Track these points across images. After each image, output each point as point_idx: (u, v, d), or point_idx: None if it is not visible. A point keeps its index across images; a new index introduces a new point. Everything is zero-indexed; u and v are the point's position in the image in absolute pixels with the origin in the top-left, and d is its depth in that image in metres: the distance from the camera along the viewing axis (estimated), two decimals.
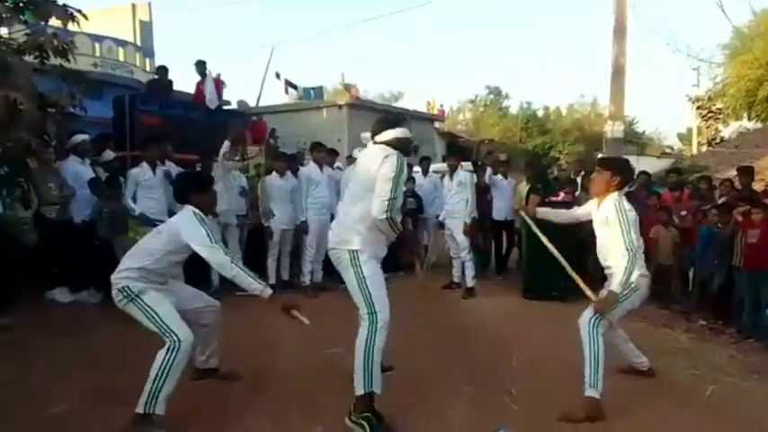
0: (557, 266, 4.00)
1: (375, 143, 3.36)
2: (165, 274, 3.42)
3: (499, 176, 8.31)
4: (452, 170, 7.30)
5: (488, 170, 8.32)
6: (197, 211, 3.38)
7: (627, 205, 3.61)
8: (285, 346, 4.70)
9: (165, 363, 3.03)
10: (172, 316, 3.18)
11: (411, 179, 8.96)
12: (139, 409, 2.97)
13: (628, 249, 3.42)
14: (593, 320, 3.47)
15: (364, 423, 3.04)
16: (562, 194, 7.12)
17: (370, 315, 3.13)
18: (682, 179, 7.61)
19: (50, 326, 5.18)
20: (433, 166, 9.92)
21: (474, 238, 7.39)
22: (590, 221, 3.85)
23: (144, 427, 2.96)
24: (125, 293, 3.22)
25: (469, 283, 6.97)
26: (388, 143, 3.29)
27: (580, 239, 5.62)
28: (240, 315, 3.87)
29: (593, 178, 3.86)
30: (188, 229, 3.29)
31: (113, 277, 3.28)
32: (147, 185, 5.93)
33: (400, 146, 3.29)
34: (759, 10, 18.63)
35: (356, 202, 3.26)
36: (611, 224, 3.56)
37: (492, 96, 36.54)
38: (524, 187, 8.00)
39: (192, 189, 3.48)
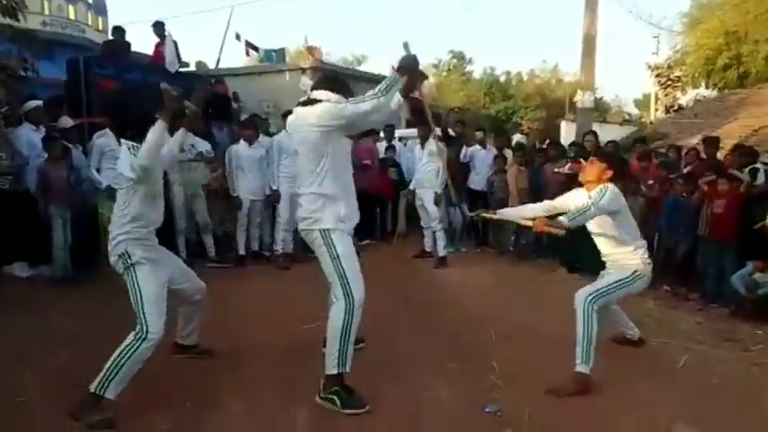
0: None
1: (309, 99, 3.22)
2: (150, 221, 3.25)
3: (477, 147, 8.31)
4: (423, 140, 7.19)
5: (464, 148, 8.28)
6: (132, 144, 3.17)
7: (614, 194, 3.56)
8: (260, 321, 4.60)
9: (127, 348, 2.94)
10: (154, 302, 3.07)
11: (392, 147, 8.79)
12: (91, 388, 2.90)
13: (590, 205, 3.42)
14: (589, 298, 3.48)
15: (335, 398, 3.06)
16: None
17: (345, 297, 3.08)
18: (649, 149, 7.70)
19: (8, 303, 4.94)
20: (398, 132, 9.81)
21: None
22: None
23: (89, 410, 2.88)
24: (124, 260, 3.12)
25: (441, 252, 6.96)
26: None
27: None
28: (211, 288, 3.73)
29: (586, 167, 3.82)
30: (120, 161, 3.18)
31: (110, 245, 3.18)
32: (111, 155, 5.61)
33: None
34: None
35: (311, 172, 3.15)
36: None
37: (455, 61, 36.25)
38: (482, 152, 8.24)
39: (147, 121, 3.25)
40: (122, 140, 3.25)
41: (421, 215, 7.29)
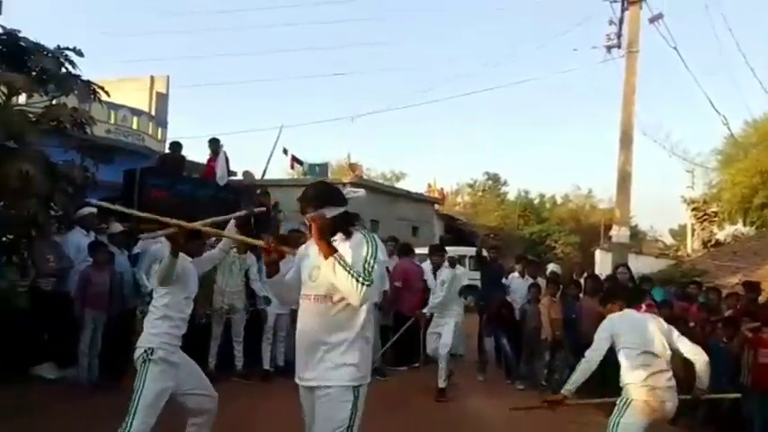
0: None
1: None
2: (183, 316, 3.52)
3: (516, 275, 8.32)
4: (436, 267, 7.15)
5: (511, 277, 8.31)
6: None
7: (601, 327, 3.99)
8: None
9: None
10: (150, 404, 3.22)
11: None
12: None
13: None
14: None
15: None
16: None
17: None
18: (691, 291, 7.54)
19: (34, 407, 4.92)
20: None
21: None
22: None
23: None
24: (146, 354, 3.30)
25: (441, 383, 6.57)
26: None
27: None
28: (235, 406, 3.59)
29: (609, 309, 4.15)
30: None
31: (144, 338, 3.39)
32: None
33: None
34: (752, 120, 19.39)
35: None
36: None
37: (490, 182, 37.17)
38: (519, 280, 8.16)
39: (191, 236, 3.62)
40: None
41: (428, 341, 6.99)
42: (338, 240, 2.57)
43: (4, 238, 5.66)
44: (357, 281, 2.38)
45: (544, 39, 56.58)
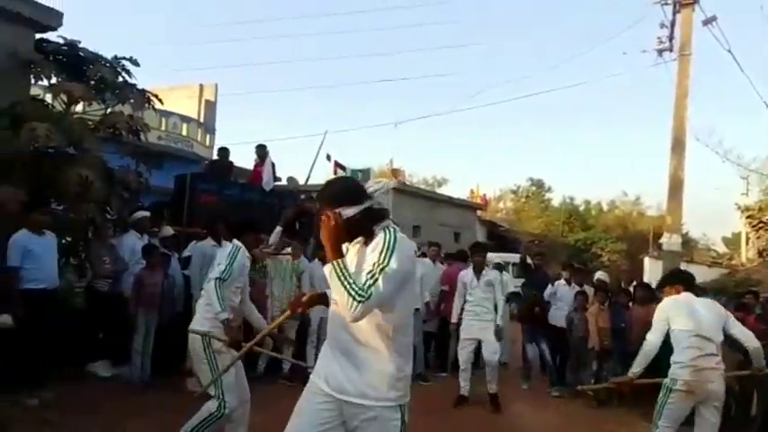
0: None
1: None
2: (230, 304, 3.80)
3: (562, 282, 8.10)
4: (478, 268, 6.51)
5: (552, 286, 8.03)
6: (240, 244, 3.92)
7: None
8: None
9: (206, 418, 3.50)
10: (231, 384, 3.61)
11: None
12: None
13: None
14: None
15: None
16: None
17: None
18: (747, 302, 7.25)
19: (88, 404, 5.09)
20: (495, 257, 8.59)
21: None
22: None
23: None
24: (204, 341, 3.65)
25: (493, 389, 6.33)
26: None
27: None
28: (278, 408, 3.58)
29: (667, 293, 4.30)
30: (221, 255, 3.88)
31: (196, 321, 3.77)
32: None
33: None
34: None
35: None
36: None
37: (534, 188, 36.65)
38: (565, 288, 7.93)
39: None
40: (236, 241, 3.95)
41: (462, 352, 6.43)
42: (359, 244, 2.31)
43: (63, 241, 5.90)
44: (350, 295, 2.08)
45: (592, 43, 55.30)
